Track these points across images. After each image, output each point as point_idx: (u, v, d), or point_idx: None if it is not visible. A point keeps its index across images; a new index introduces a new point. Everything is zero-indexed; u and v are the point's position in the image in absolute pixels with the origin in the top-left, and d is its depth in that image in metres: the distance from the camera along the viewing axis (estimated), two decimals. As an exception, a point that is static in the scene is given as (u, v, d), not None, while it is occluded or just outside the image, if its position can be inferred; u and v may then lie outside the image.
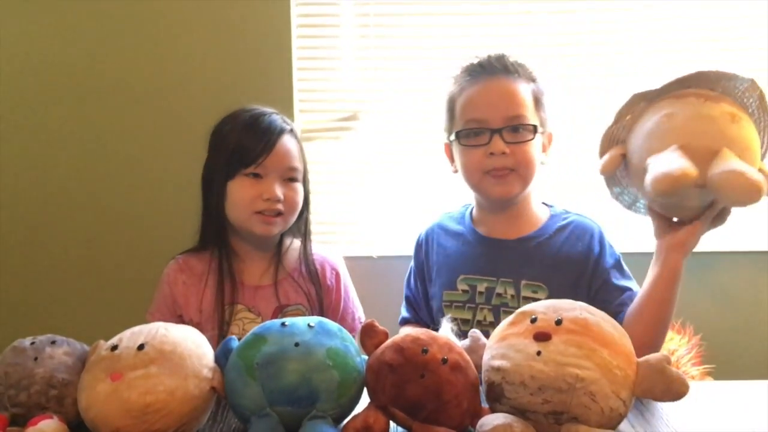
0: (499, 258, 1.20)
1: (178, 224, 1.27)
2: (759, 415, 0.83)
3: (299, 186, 1.21)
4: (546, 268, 1.17)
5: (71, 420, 0.78)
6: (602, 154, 1.01)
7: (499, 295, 1.18)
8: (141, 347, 0.75)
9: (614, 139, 1.01)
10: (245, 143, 1.16)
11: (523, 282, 1.17)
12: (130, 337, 0.78)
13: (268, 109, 1.22)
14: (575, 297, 1.13)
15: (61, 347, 0.81)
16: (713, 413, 0.85)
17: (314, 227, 1.70)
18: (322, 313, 1.24)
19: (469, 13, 1.65)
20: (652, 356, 0.71)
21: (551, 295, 1.15)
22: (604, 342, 0.70)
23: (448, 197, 1.57)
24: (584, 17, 1.65)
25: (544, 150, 1.22)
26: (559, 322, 0.71)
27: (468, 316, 1.20)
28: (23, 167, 1.65)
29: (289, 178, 1.19)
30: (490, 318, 1.18)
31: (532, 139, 1.16)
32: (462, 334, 0.84)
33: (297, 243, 1.28)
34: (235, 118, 1.20)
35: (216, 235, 1.22)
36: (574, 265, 1.17)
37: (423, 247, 1.33)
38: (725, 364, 1.48)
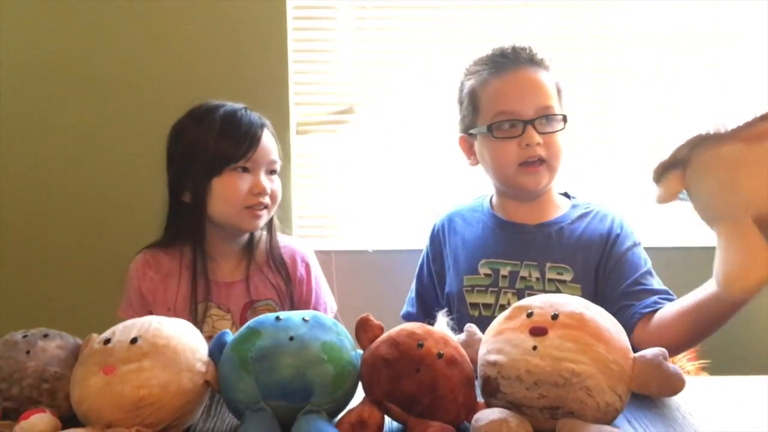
0: (521, 242, 1.20)
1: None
2: (755, 411, 0.83)
3: (278, 178, 1.21)
4: (570, 250, 1.17)
5: (64, 414, 0.77)
6: (657, 180, 0.86)
7: (523, 278, 1.18)
8: (134, 341, 0.74)
9: (672, 162, 0.83)
10: (231, 138, 1.14)
11: (548, 264, 1.17)
12: (123, 330, 0.77)
13: (237, 104, 1.21)
14: (599, 278, 1.14)
15: (54, 340, 0.81)
16: (709, 409, 0.84)
17: (309, 221, 1.71)
18: (292, 307, 1.23)
19: (465, 6, 1.64)
20: (648, 351, 0.71)
21: (577, 277, 1.16)
22: (600, 337, 0.70)
23: (445, 191, 1.57)
24: (583, 13, 1.65)
25: None
26: (555, 317, 0.71)
27: (491, 300, 1.19)
28: (18, 163, 1.64)
29: (271, 170, 1.19)
30: (514, 302, 1.16)
31: (563, 129, 1.17)
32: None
33: (266, 236, 1.27)
34: (210, 113, 1.18)
35: (193, 233, 1.19)
36: (596, 247, 1.17)
37: (439, 234, 1.32)
38: (720, 359, 1.48)
